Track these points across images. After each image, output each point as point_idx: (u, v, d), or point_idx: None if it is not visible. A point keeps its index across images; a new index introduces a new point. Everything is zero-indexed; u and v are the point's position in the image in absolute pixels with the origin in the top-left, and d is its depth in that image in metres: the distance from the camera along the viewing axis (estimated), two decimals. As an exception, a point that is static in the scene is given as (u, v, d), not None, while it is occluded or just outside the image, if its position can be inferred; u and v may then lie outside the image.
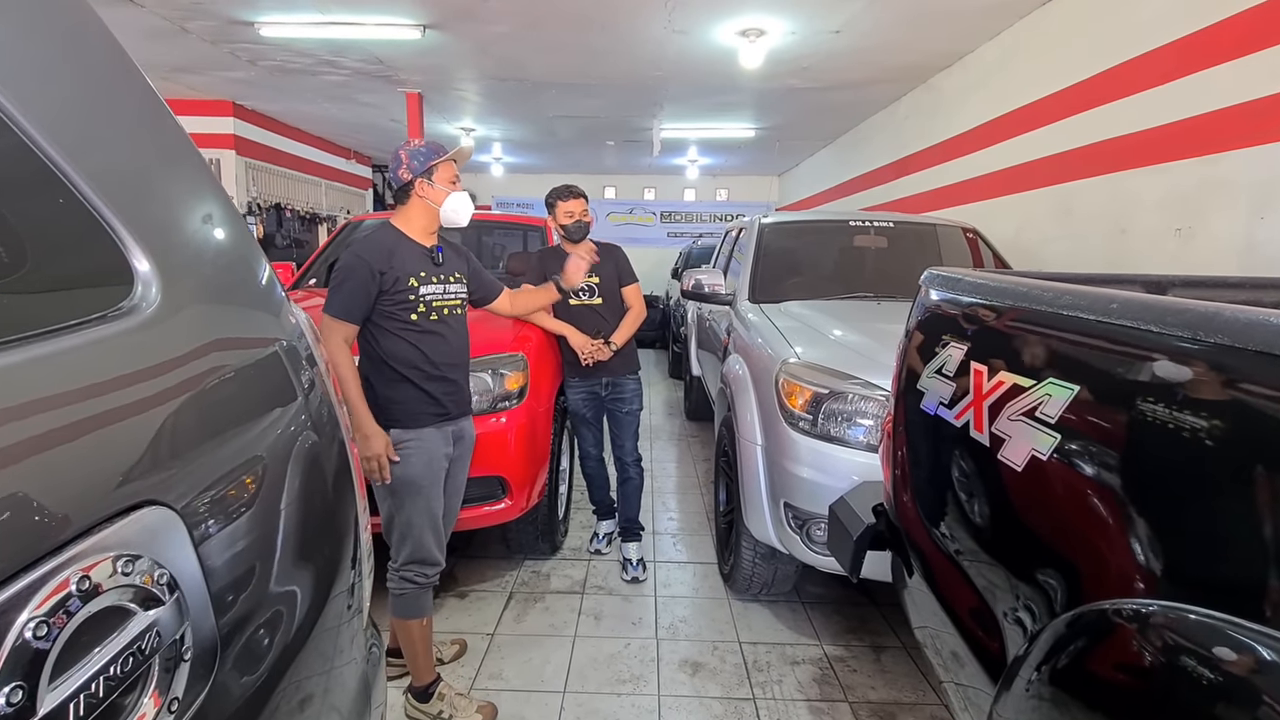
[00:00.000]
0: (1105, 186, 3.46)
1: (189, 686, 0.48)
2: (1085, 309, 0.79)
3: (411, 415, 1.83)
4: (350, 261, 1.80)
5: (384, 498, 1.83)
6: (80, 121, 0.54)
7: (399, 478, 1.79)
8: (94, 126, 0.55)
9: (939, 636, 1.19)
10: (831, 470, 1.99)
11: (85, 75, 0.57)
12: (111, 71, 0.60)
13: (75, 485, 0.42)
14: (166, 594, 0.46)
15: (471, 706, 1.90)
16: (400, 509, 1.82)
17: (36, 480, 0.40)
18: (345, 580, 0.85)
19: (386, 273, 1.79)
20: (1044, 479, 0.82)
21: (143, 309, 0.52)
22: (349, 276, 1.78)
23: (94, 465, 0.44)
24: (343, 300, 1.78)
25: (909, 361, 1.27)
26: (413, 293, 1.82)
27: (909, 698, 2.04)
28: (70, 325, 0.46)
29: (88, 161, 0.51)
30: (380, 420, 1.79)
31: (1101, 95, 3.48)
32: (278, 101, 6.95)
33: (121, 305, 0.51)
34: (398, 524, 1.83)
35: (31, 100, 0.48)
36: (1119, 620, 0.71)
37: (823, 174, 8.89)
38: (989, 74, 4.66)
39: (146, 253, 0.53)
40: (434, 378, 1.86)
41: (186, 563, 0.49)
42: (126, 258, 0.52)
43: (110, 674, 0.40)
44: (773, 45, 4.72)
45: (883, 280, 3.17)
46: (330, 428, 0.87)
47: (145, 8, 4.32)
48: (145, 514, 0.46)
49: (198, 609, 0.50)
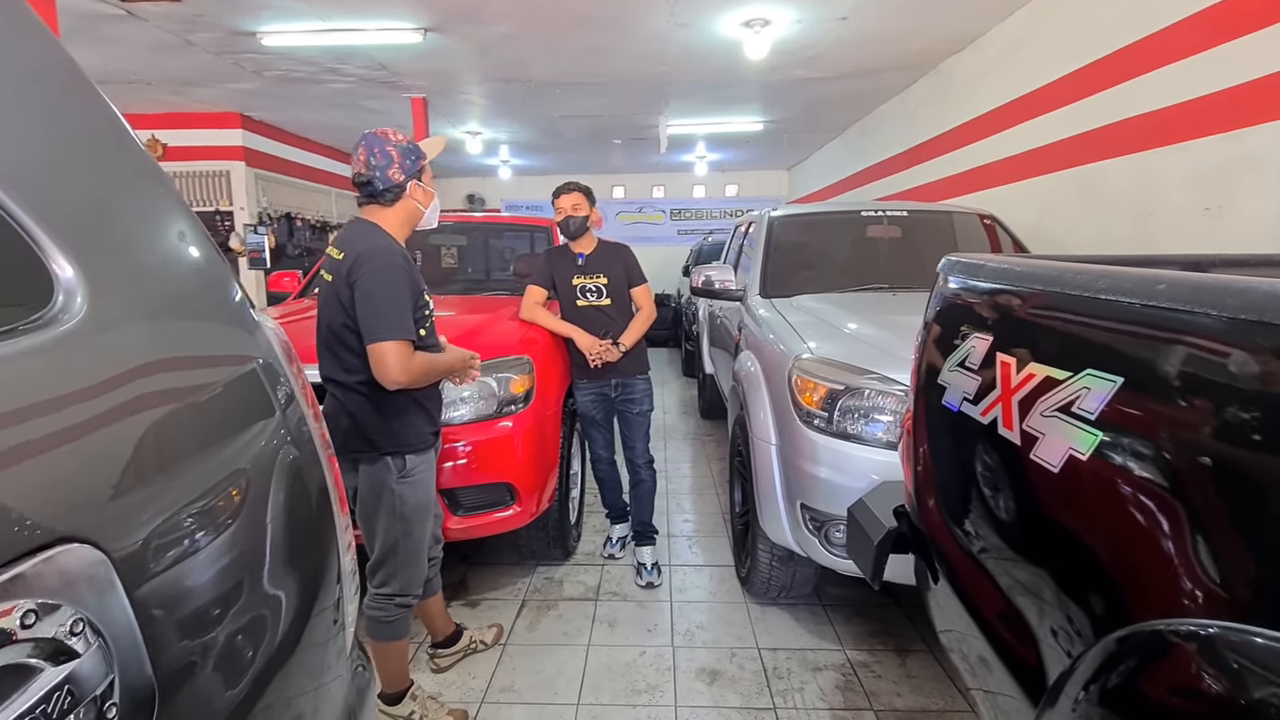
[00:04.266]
0: (1129, 167, 3.32)
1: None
2: (1128, 292, 0.71)
3: (420, 437, 1.75)
4: (397, 280, 1.60)
5: (390, 525, 1.71)
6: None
7: (412, 505, 1.72)
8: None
9: (965, 642, 1.12)
10: (849, 469, 1.91)
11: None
12: (25, 51, 0.54)
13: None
14: (85, 644, 0.41)
15: (443, 711, 1.86)
16: (409, 535, 1.73)
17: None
18: (325, 600, 0.80)
19: (418, 284, 1.67)
20: (1083, 481, 0.74)
21: (63, 320, 0.46)
22: (398, 293, 1.59)
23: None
24: (401, 319, 1.58)
25: (928, 355, 1.19)
26: (427, 307, 1.71)
27: (937, 704, 1.96)
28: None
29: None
30: (391, 449, 1.69)
31: (1122, 72, 3.35)
32: (284, 111, 6.97)
33: (38, 317, 0.45)
34: (403, 550, 1.73)
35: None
36: (1176, 640, 0.63)
37: (834, 166, 8.76)
38: (1003, 56, 4.52)
39: (70, 258, 0.48)
40: (431, 395, 1.80)
41: (113, 606, 0.43)
42: (44, 263, 0.46)
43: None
44: (778, 35, 4.63)
45: (897, 271, 3.07)
46: (308, 445, 0.81)
47: (149, 21, 4.33)
48: (61, 554, 0.41)
49: (127, 657, 0.44)
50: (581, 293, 2.65)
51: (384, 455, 1.70)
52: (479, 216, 5.70)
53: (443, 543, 2.05)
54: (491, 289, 3.65)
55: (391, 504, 1.71)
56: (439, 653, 2.15)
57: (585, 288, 2.65)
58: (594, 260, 2.66)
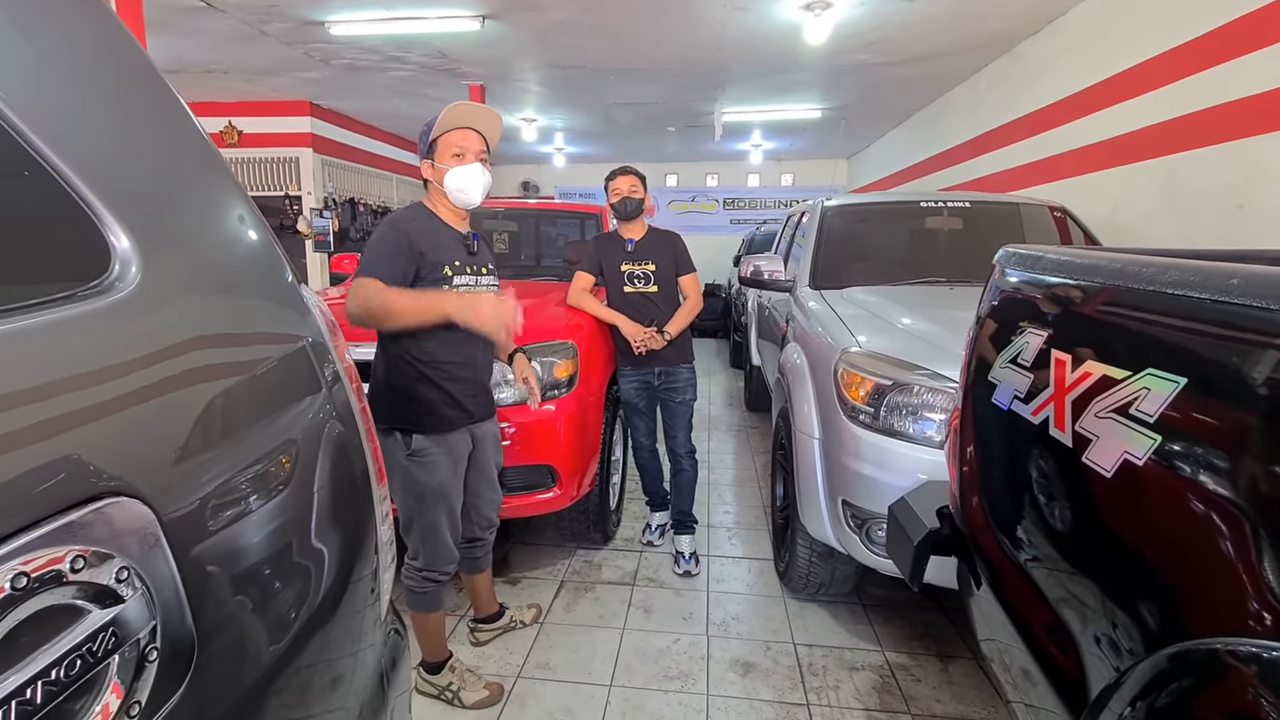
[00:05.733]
0: (1220, 156, 3.08)
1: (157, 688, 0.45)
2: (1198, 286, 0.66)
3: (436, 420, 1.71)
4: (385, 231, 1.64)
5: (405, 500, 1.74)
6: (45, 82, 0.52)
7: (424, 485, 1.72)
8: (64, 90, 0.53)
9: (1008, 652, 1.07)
10: (894, 467, 1.85)
11: (54, 33, 0.55)
12: (91, 36, 0.58)
13: (21, 470, 0.40)
14: (130, 590, 0.44)
15: (480, 683, 1.90)
16: (423, 514, 1.74)
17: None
18: (364, 569, 0.83)
19: (426, 253, 1.64)
20: (1139, 487, 0.70)
21: (118, 289, 0.49)
22: (384, 238, 1.62)
23: (44, 451, 0.41)
24: (376, 259, 1.59)
25: (979, 350, 1.14)
26: (446, 282, 1.67)
27: (978, 714, 1.89)
28: (32, 305, 0.44)
29: (61, 134, 0.48)
30: (400, 424, 1.68)
31: (1217, 54, 3.10)
32: (350, 99, 7.21)
33: (96, 284, 0.48)
34: (419, 527, 1.76)
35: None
36: (1234, 663, 0.59)
37: (895, 155, 8.45)
38: (1084, 37, 4.25)
39: (126, 230, 0.51)
40: (458, 378, 1.73)
41: (157, 559, 0.46)
42: (103, 233, 0.50)
43: (52, 679, 0.38)
44: (840, 18, 4.48)
45: (957, 264, 2.95)
46: (350, 420, 0.84)
47: (226, 12, 4.55)
48: (110, 506, 0.44)
49: (169, 607, 0.47)
50: (629, 279, 2.65)
51: (393, 430, 1.69)
52: (531, 203, 5.77)
53: (495, 526, 2.04)
54: (542, 274, 3.69)
55: (404, 480, 1.72)
56: (480, 627, 2.22)
57: (633, 274, 2.65)
58: (643, 247, 2.66)
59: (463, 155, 1.69)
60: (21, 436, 0.40)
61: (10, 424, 0.39)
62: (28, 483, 0.39)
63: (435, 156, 1.71)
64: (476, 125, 1.72)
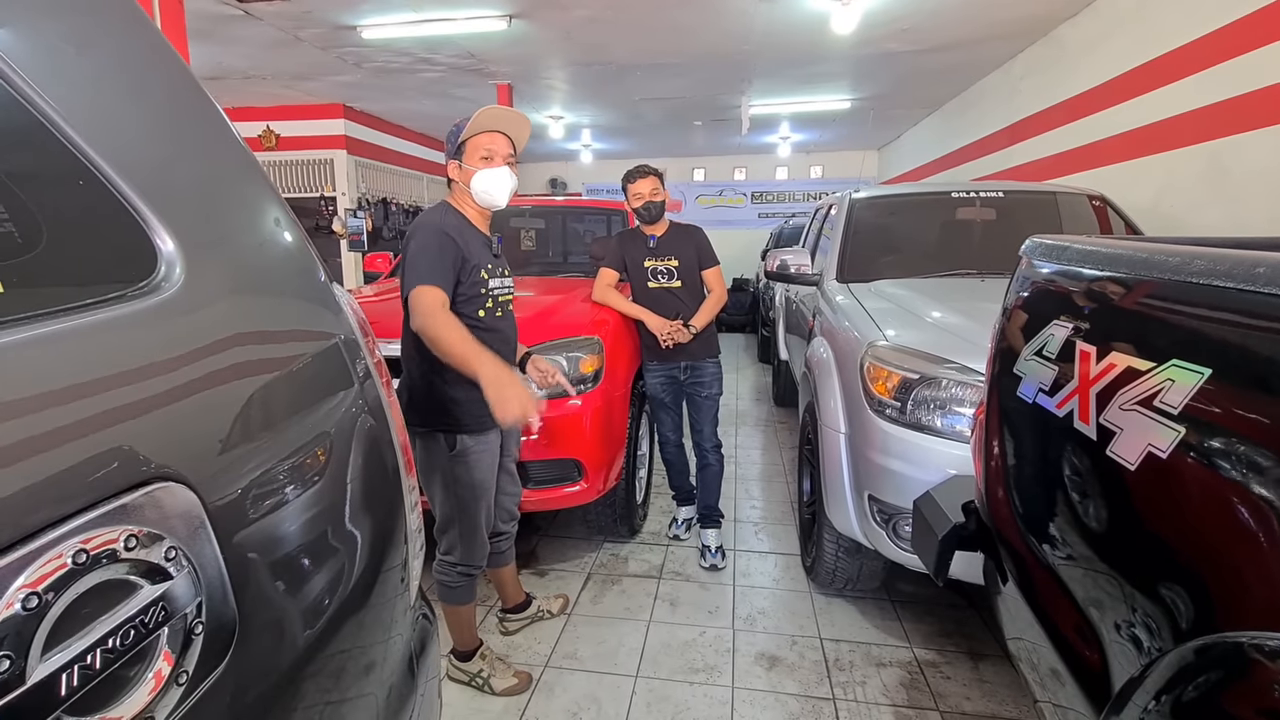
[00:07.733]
0: (1271, 141, 2.95)
1: (202, 660, 0.49)
2: (1225, 275, 0.64)
3: (478, 419, 1.70)
4: (430, 235, 1.65)
5: (446, 499, 1.77)
6: (96, 95, 0.55)
7: (466, 483, 1.75)
8: (113, 102, 0.57)
9: (1036, 651, 1.06)
10: (921, 462, 1.83)
11: (103, 48, 0.58)
12: (137, 50, 0.61)
13: (80, 457, 0.43)
14: (178, 568, 0.47)
15: (509, 671, 1.94)
16: (465, 512, 1.78)
17: (40, 452, 0.40)
18: (394, 558, 0.86)
19: (469, 259, 1.67)
20: (1162, 480, 0.69)
21: (164, 289, 0.53)
22: (429, 243, 1.63)
23: (100, 440, 0.45)
24: (429, 265, 1.60)
25: (1005, 343, 1.13)
26: (484, 285, 1.72)
27: (1009, 712, 1.87)
28: (86, 305, 0.48)
29: (110, 141, 0.52)
30: (442, 426, 1.70)
31: (1263, 35, 2.96)
32: (382, 101, 7.36)
33: (144, 284, 0.52)
34: (461, 525, 1.79)
35: (37, 70, 0.49)
36: (1259, 657, 0.58)
37: (926, 145, 8.28)
38: (1125, 19, 4.11)
39: (171, 233, 0.54)
40: None
41: (201, 540, 0.50)
42: (150, 236, 0.53)
43: (109, 646, 0.41)
44: (868, 6, 4.41)
45: (989, 256, 2.88)
46: (381, 414, 0.88)
47: (264, 20, 4.68)
48: (160, 490, 0.47)
49: (213, 587, 0.50)
50: (653, 275, 2.66)
51: (436, 432, 1.73)
52: (558, 200, 5.81)
53: (517, 519, 2.10)
54: (568, 271, 3.73)
55: (445, 480, 1.75)
56: (508, 617, 2.26)
57: (656, 270, 2.66)
58: (665, 242, 2.67)
59: (491, 158, 1.72)
60: (80, 427, 0.43)
61: (69, 415, 0.43)
62: (86, 469, 0.43)
63: (464, 158, 1.74)
64: (506, 129, 1.76)
